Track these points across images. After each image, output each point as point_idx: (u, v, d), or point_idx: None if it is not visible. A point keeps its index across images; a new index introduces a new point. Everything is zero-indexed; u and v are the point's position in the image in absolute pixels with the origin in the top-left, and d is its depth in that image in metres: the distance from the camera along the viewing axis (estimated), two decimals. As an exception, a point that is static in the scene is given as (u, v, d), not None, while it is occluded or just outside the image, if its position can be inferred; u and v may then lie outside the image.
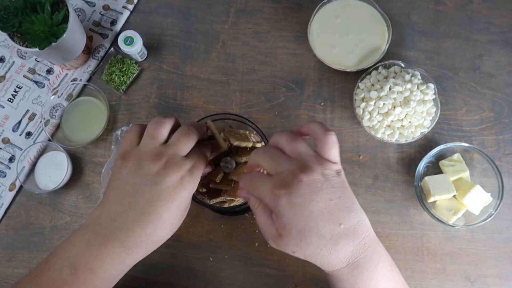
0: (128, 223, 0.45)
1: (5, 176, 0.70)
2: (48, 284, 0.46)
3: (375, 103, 0.66)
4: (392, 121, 0.66)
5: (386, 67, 0.69)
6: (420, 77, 0.67)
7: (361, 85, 0.68)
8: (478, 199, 0.63)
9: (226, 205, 0.58)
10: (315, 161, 0.44)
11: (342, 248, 0.43)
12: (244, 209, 0.66)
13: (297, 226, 0.42)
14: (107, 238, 0.45)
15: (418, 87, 0.66)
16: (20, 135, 0.71)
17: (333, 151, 0.45)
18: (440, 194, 0.64)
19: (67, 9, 0.63)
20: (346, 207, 0.43)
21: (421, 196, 0.65)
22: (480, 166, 0.67)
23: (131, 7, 0.76)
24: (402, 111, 0.65)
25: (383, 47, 0.70)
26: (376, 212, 0.68)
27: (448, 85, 0.72)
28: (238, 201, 0.57)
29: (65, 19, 0.63)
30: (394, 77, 0.67)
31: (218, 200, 0.58)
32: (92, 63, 0.73)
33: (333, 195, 0.43)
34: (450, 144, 0.66)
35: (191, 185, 0.47)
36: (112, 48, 0.74)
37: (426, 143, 0.70)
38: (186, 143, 0.48)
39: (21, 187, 0.69)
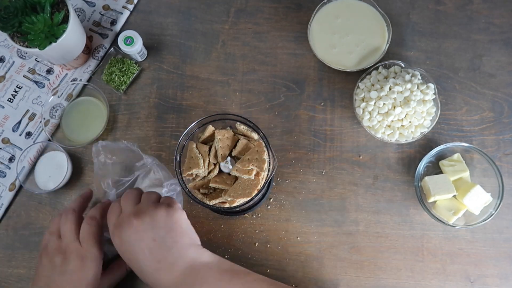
0: None
1: (5, 176, 0.70)
2: None
3: (375, 103, 0.66)
4: (392, 121, 0.66)
5: (386, 67, 0.69)
6: (420, 77, 0.67)
7: (361, 85, 0.68)
8: (478, 199, 0.63)
9: (226, 206, 0.58)
10: (151, 205, 0.53)
11: (163, 279, 0.51)
12: (244, 209, 0.66)
13: (125, 257, 0.53)
14: None
15: (418, 87, 0.66)
16: (20, 135, 0.71)
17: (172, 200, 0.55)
18: (440, 194, 0.64)
19: (67, 9, 0.63)
20: (168, 246, 0.51)
21: (421, 196, 0.65)
22: (480, 166, 0.67)
23: (131, 7, 0.76)
24: (402, 111, 0.65)
25: (383, 47, 0.70)
26: (376, 212, 0.68)
27: (448, 85, 0.72)
28: (238, 201, 0.57)
29: (65, 19, 0.63)
30: (394, 77, 0.67)
31: (218, 200, 0.58)
32: (92, 63, 0.73)
33: (157, 235, 0.51)
34: (450, 144, 0.66)
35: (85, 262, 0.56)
36: (112, 48, 0.74)
37: (426, 143, 0.70)
38: (67, 231, 0.57)
39: (21, 187, 0.69)
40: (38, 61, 0.74)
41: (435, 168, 0.68)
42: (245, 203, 0.57)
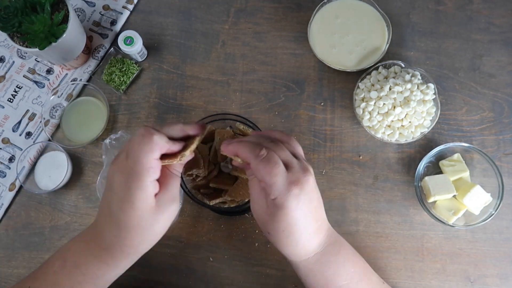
0: (100, 226, 0.47)
1: (5, 176, 0.70)
2: (42, 276, 0.49)
3: (375, 103, 0.66)
4: (392, 121, 0.66)
5: (386, 67, 0.69)
6: (420, 77, 0.67)
7: (361, 85, 0.68)
8: (478, 199, 0.63)
9: (226, 206, 0.58)
10: (307, 164, 0.47)
11: (314, 241, 0.47)
12: (244, 209, 0.66)
13: (289, 221, 0.44)
14: (91, 237, 0.48)
15: (418, 87, 0.66)
16: (20, 135, 0.71)
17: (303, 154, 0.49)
18: (440, 194, 0.64)
19: (67, 9, 0.63)
20: (321, 204, 0.48)
21: (421, 196, 0.65)
22: (480, 166, 0.67)
23: (131, 7, 0.76)
24: (402, 111, 0.65)
25: (383, 47, 0.70)
26: (376, 212, 0.68)
27: (448, 85, 0.72)
28: (238, 201, 0.57)
29: (65, 19, 0.63)
30: (394, 77, 0.67)
31: (218, 200, 0.58)
32: (92, 63, 0.73)
33: (318, 195, 0.47)
34: (450, 144, 0.66)
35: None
36: (112, 48, 0.74)
37: (426, 143, 0.70)
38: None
39: (21, 187, 0.69)
40: (38, 61, 0.74)
41: (435, 168, 0.68)
42: (245, 203, 0.57)
